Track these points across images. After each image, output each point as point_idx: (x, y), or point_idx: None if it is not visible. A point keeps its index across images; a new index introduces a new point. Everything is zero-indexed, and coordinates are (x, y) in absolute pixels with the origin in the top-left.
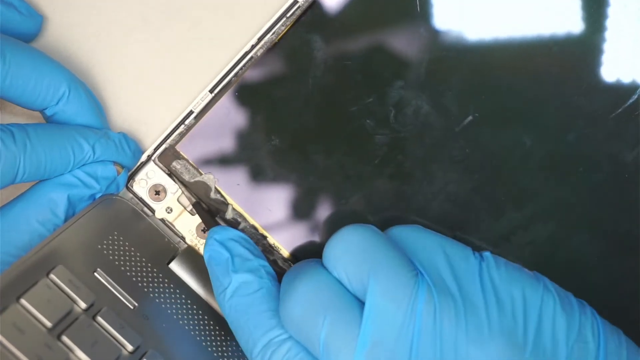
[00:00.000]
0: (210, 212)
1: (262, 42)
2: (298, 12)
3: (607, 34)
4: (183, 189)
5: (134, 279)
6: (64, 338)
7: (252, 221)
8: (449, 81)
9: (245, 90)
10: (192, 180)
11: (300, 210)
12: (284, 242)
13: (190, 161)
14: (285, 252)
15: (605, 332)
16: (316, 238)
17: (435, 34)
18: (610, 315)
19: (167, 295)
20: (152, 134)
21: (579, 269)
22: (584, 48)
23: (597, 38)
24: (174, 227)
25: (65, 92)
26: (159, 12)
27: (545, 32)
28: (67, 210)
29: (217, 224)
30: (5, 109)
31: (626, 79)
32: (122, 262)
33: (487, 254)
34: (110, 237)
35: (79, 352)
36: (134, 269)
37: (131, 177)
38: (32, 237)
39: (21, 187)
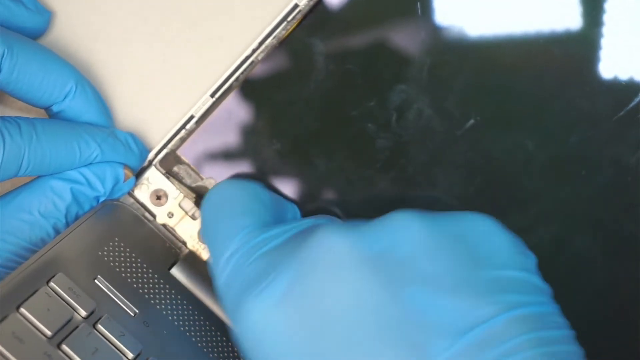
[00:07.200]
0: None
1: (263, 46)
2: (299, 17)
3: (605, 29)
4: (182, 188)
5: (134, 285)
6: (64, 347)
7: None
8: (450, 84)
9: (247, 94)
10: (194, 185)
11: (301, 215)
12: None
13: (191, 166)
14: None
15: None
16: None
17: (436, 33)
18: (612, 317)
19: (168, 301)
20: (152, 134)
21: (582, 271)
22: (583, 45)
23: (595, 34)
24: (175, 232)
25: (72, 88)
26: (160, 13)
27: (544, 28)
28: (69, 206)
29: None
30: (9, 104)
31: (623, 76)
32: (122, 269)
33: None
34: (111, 244)
35: None
36: (134, 275)
37: None
38: (32, 227)
39: (23, 181)
